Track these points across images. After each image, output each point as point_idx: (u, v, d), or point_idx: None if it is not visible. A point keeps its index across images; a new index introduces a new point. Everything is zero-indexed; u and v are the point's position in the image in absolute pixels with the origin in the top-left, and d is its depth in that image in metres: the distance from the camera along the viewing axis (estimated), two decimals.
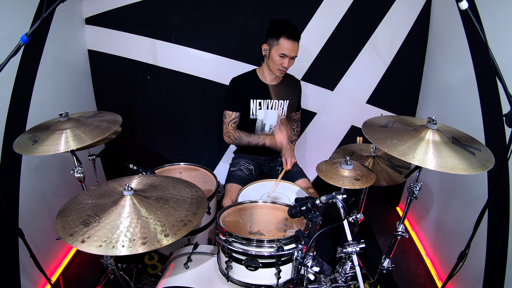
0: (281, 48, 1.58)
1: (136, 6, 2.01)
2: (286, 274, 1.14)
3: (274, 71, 1.69)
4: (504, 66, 1.02)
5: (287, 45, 1.57)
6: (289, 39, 1.56)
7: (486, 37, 0.94)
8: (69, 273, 1.88)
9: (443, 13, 1.90)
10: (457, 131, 1.18)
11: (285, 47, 1.58)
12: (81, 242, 0.88)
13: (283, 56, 1.60)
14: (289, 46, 1.57)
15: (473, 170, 0.96)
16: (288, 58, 1.61)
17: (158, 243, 0.90)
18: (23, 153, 1.16)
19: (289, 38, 1.56)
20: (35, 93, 1.63)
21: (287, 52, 1.58)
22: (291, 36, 1.56)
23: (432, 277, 1.88)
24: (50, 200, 1.79)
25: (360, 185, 1.23)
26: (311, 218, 1.07)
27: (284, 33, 1.55)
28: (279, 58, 1.62)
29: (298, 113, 2.00)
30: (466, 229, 1.47)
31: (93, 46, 2.11)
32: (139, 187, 1.13)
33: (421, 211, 2.17)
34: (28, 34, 1.03)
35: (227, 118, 1.80)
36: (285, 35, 1.56)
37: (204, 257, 1.34)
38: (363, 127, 1.21)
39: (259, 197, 1.57)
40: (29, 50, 1.57)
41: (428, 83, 2.11)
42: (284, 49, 1.58)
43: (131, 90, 2.26)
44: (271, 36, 1.61)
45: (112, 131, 1.26)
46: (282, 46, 1.58)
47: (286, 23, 1.58)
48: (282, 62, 1.62)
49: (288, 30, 1.55)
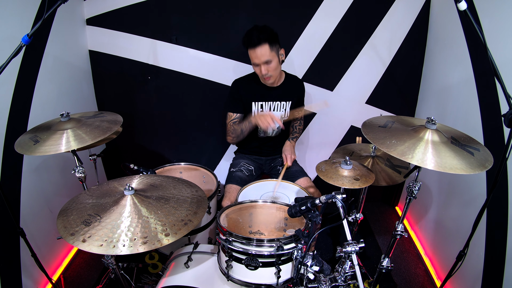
0: (251, 58, 1.60)
1: (137, 7, 2.02)
2: (286, 273, 1.14)
3: (262, 81, 1.71)
4: (502, 66, 1.02)
5: (252, 54, 1.58)
6: (250, 48, 1.56)
7: (485, 38, 0.94)
8: (70, 272, 1.89)
9: (442, 14, 1.91)
10: (456, 131, 1.19)
11: (252, 57, 1.59)
12: (82, 241, 0.89)
13: (257, 65, 1.61)
14: (253, 54, 1.57)
15: (472, 170, 0.97)
16: (261, 65, 1.59)
17: (158, 242, 0.90)
18: (25, 153, 1.17)
19: (250, 47, 1.56)
20: (37, 93, 1.64)
21: (256, 60, 1.58)
22: (251, 44, 1.55)
23: (431, 276, 1.88)
24: (51, 199, 1.80)
25: (360, 184, 1.23)
26: (311, 218, 1.07)
27: (246, 44, 1.57)
28: (255, 68, 1.64)
29: (301, 112, 1.99)
30: (465, 228, 1.47)
31: (94, 46, 2.12)
32: (139, 187, 1.14)
33: (420, 210, 2.18)
34: (29, 34, 1.03)
35: (228, 119, 1.80)
36: (247, 46, 1.57)
37: (205, 257, 1.34)
38: (363, 127, 1.21)
39: (259, 197, 1.57)
40: (31, 50, 1.58)
41: (427, 83, 2.11)
42: (252, 58, 1.59)
43: (132, 90, 2.27)
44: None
45: (113, 131, 1.27)
46: (250, 56, 1.60)
47: (247, 33, 1.56)
48: (260, 70, 1.61)
49: (246, 40, 1.56)
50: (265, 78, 1.64)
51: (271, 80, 1.67)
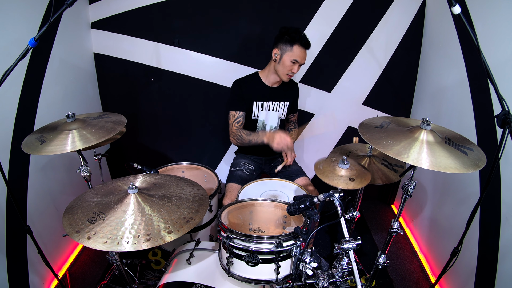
0: (294, 54, 1.64)
1: (140, 11, 2.04)
2: (285, 270, 1.15)
3: (282, 76, 1.73)
4: (495, 68, 1.03)
5: (300, 53, 1.64)
6: (302, 47, 1.63)
7: (478, 41, 0.95)
8: (76, 268, 1.90)
9: (437, 17, 1.92)
10: (450, 132, 1.20)
11: (298, 54, 1.64)
12: (87, 238, 0.90)
13: (295, 62, 1.66)
14: (302, 53, 1.64)
15: (466, 169, 0.97)
16: (298, 65, 1.67)
17: (161, 239, 0.91)
18: (31, 153, 1.17)
19: (303, 46, 1.63)
20: (43, 95, 1.65)
21: (299, 59, 1.65)
22: (306, 44, 1.63)
23: (426, 272, 1.90)
24: (57, 198, 1.81)
25: (354, 185, 1.24)
26: (309, 216, 1.08)
27: (300, 41, 1.62)
28: (290, 64, 1.67)
29: (295, 115, 2.03)
30: (459, 226, 1.48)
31: (98, 49, 2.14)
32: (143, 185, 1.14)
33: (415, 208, 2.19)
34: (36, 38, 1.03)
35: (231, 119, 1.82)
36: (299, 42, 1.62)
37: (206, 253, 1.35)
38: (360, 127, 1.22)
39: (259, 195, 1.58)
40: (37, 53, 1.60)
41: (422, 85, 2.13)
42: (297, 56, 1.64)
43: (136, 92, 2.29)
44: (284, 42, 1.65)
45: (117, 132, 1.27)
46: (295, 52, 1.64)
47: (300, 31, 1.64)
48: (292, 68, 1.67)
49: (303, 38, 1.63)
50: (289, 76, 1.72)
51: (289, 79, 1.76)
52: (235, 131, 1.81)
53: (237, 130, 1.81)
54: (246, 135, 1.79)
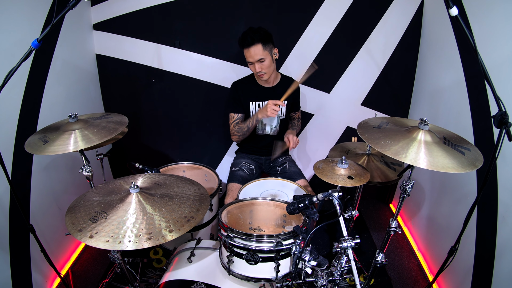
0: (246, 58, 1.70)
1: (142, 12, 2.05)
2: (285, 268, 1.16)
3: (257, 79, 1.79)
4: (492, 69, 1.03)
5: (246, 54, 1.68)
6: (245, 47, 1.66)
7: (475, 42, 0.95)
8: (78, 267, 1.91)
9: (435, 19, 1.93)
10: (448, 132, 1.20)
11: (246, 56, 1.69)
12: (90, 237, 0.91)
13: (251, 63, 1.70)
14: (247, 53, 1.67)
15: (463, 169, 0.98)
16: (255, 63, 1.68)
17: (162, 238, 0.92)
18: (34, 153, 1.18)
19: (245, 47, 1.66)
20: (46, 96, 1.66)
21: (250, 59, 1.68)
22: (245, 44, 1.65)
23: (424, 270, 1.90)
24: (60, 197, 1.82)
25: (352, 183, 1.25)
26: (309, 215, 1.10)
27: (241, 45, 1.67)
28: (250, 66, 1.73)
29: (297, 113, 2.05)
30: (456, 225, 1.49)
31: (101, 50, 2.16)
32: (144, 185, 1.15)
33: (413, 208, 2.20)
34: (39, 39, 1.04)
35: (231, 120, 1.85)
36: (242, 46, 1.67)
37: (207, 252, 1.36)
38: (358, 127, 1.23)
39: (259, 194, 1.60)
40: (40, 54, 1.61)
41: (420, 86, 2.13)
42: (247, 57, 1.69)
43: (137, 92, 2.30)
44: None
45: (119, 132, 1.29)
46: (245, 55, 1.69)
47: (243, 34, 1.66)
48: (254, 69, 1.71)
49: (241, 40, 1.67)
50: (259, 75, 1.74)
51: (265, 77, 1.75)
52: (234, 128, 1.85)
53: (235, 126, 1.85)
54: (244, 124, 1.82)
